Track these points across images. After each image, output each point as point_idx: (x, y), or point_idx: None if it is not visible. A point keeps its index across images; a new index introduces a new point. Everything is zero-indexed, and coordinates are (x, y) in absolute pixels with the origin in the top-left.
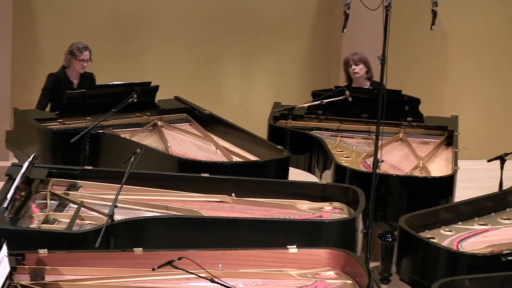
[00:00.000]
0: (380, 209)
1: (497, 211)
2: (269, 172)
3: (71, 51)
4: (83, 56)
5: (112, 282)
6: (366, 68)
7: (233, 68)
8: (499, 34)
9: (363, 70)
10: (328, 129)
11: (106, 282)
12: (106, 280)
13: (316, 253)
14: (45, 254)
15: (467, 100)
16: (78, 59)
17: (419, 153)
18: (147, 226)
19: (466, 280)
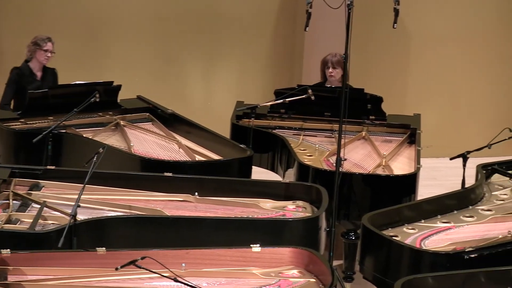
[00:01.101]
0: (343, 208)
1: (460, 209)
2: (232, 171)
3: (35, 42)
4: (47, 47)
5: (75, 282)
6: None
7: (196, 67)
8: (461, 32)
9: (339, 74)
10: (291, 128)
11: (69, 282)
12: (69, 280)
13: (280, 252)
14: (8, 254)
15: (429, 98)
16: (43, 49)
17: (381, 152)
18: (110, 226)
19: (429, 278)
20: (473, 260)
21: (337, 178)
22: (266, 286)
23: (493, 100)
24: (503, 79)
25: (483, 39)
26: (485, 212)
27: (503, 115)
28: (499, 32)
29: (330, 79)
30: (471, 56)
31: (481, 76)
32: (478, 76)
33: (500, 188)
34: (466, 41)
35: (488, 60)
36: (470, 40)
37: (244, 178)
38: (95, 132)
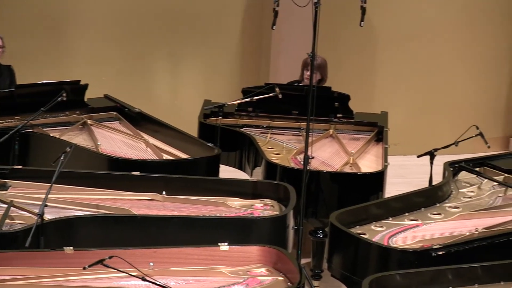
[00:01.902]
0: (311, 206)
1: (427, 206)
2: (199, 170)
3: None
4: None
5: (43, 281)
6: (320, 76)
7: (163, 66)
8: (428, 30)
9: (316, 77)
10: (259, 126)
11: (36, 282)
12: (36, 280)
13: (248, 250)
14: None
15: (396, 96)
16: None
17: (349, 149)
18: (77, 225)
19: (397, 276)
20: (441, 257)
21: (305, 176)
22: (234, 284)
23: (460, 97)
24: (470, 77)
25: (450, 37)
26: (453, 210)
27: (470, 112)
28: (465, 30)
29: (306, 81)
30: (438, 54)
31: (448, 74)
32: (445, 74)
33: (467, 185)
34: (433, 39)
35: (455, 58)
36: (437, 38)
37: (212, 176)
38: (62, 131)
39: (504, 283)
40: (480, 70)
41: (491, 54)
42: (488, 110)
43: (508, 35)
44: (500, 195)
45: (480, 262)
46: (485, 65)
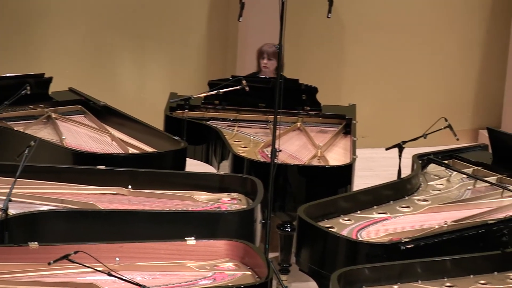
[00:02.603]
0: (279, 199)
1: (396, 199)
2: (166, 164)
3: None
4: None
5: (7, 277)
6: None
7: (129, 59)
8: (396, 22)
9: (274, 65)
10: (225, 119)
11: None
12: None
13: (215, 245)
14: None
15: (364, 88)
16: None
17: (317, 142)
18: (42, 220)
19: (366, 269)
20: (410, 250)
21: (272, 169)
22: (201, 279)
23: (429, 90)
24: (438, 69)
25: (418, 29)
26: (421, 203)
27: (439, 105)
28: (434, 22)
29: (264, 70)
30: (406, 46)
31: (417, 66)
32: (413, 66)
33: (436, 178)
34: (402, 31)
35: (423, 50)
36: (405, 30)
37: (178, 170)
38: (27, 125)
39: (473, 276)
40: (449, 62)
41: (459, 46)
42: (456, 103)
43: (476, 27)
44: (469, 187)
45: (450, 255)
46: (453, 56)
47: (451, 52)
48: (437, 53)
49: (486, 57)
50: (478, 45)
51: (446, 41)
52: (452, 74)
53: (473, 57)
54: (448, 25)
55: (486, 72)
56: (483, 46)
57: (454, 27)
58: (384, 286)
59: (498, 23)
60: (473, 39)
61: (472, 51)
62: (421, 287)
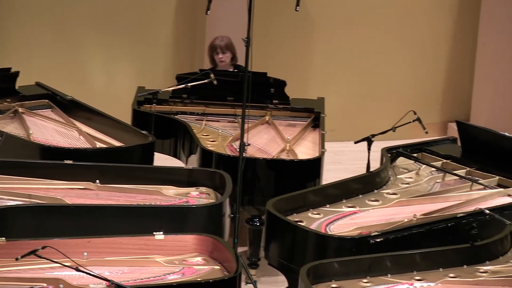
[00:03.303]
0: (247, 193)
1: (365, 193)
2: (134, 158)
3: None
4: None
5: None
6: (232, 54)
7: (96, 53)
8: (365, 15)
9: (229, 57)
10: (194, 113)
11: None
12: None
13: (183, 239)
14: None
15: (333, 82)
16: None
17: (285, 136)
18: (9, 215)
19: (335, 263)
20: (379, 244)
21: (241, 163)
22: (170, 274)
23: (397, 83)
24: (407, 62)
25: (386, 22)
26: (390, 196)
27: (408, 98)
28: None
29: (220, 64)
30: (375, 39)
31: (385, 59)
32: (382, 59)
33: (405, 171)
34: (369, 24)
35: (392, 43)
36: (373, 23)
37: (146, 164)
38: None
39: (443, 269)
40: (417, 55)
41: (428, 39)
42: (425, 96)
43: (445, 20)
44: (438, 181)
45: (419, 248)
46: (422, 50)
47: (420, 45)
48: (406, 46)
49: (454, 50)
50: (446, 38)
51: (414, 34)
52: (420, 67)
53: (441, 50)
54: (416, 18)
55: (455, 65)
56: (451, 39)
57: (422, 20)
58: (353, 280)
59: (467, 16)
60: (442, 32)
61: (440, 44)
62: (391, 280)
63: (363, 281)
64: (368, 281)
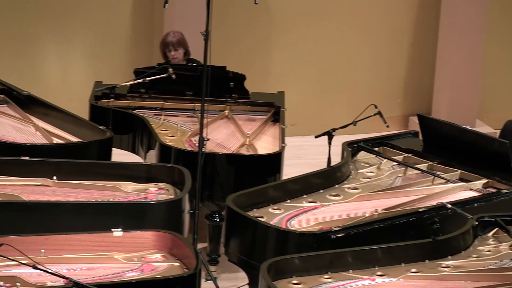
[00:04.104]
0: (207, 189)
1: (326, 187)
2: (91, 154)
3: None
4: None
5: None
6: (184, 50)
7: (52, 47)
8: (325, 9)
9: (181, 53)
10: (152, 108)
11: None
12: None
13: (142, 236)
14: None
15: (293, 75)
16: None
17: (245, 131)
18: None
19: (296, 259)
20: (340, 239)
21: (200, 158)
22: (129, 271)
23: (358, 76)
24: (368, 55)
25: (347, 16)
26: (352, 191)
27: (369, 91)
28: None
29: (173, 61)
30: (335, 33)
31: (346, 52)
32: (343, 53)
33: (366, 165)
34: (330, 17)
35: (352, 36)
36: (334, 17)
37: (104, 160)
38: None
39: (404, 264)
40: (378, 49)
41: (388, 32)
42: (386, 89)
43: (406, 13)
44: (399, 175)
45: (381, 244)
46: (382, 43)
47: (380, 38)
48: (367, 40)
49: (415, 43)
50: (407, 31)
51: (375, 27)
52: (381, 60)
53: (402, 43)
54: (377, 12)
55: (416, 58)
56: (412, 32)
57: (383, 13)
58: (314, 275)
59: (428, 9)
60: (403, 25)
61: (401, 37)
62: (352, 276)
63: (325, 277)
64: (329, 277)
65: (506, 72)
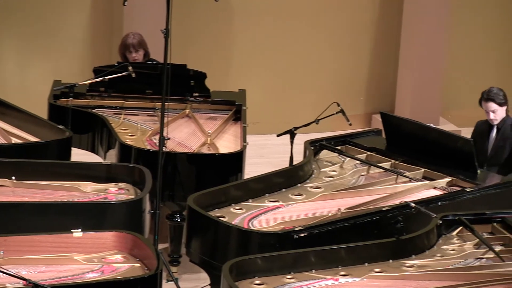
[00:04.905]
0: (168, 189)
1: (288, 187)
2: (50, 154)
3: None
4: None
5: None
6: (144, 51)
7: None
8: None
9: (142, 55)
10: (112, 107)
11: None
12: None
13: (102, 236)
14: None
15: (254, 74)
16: None
17: (206, 129)
18: None
19: (258, 259)
20: (303, 239)
21: (161, 158)
22: (89, 272)
23: (321, 74)
24: (330, 53)
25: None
26: (314, 190)
27: (331, 89)
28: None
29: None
30: (297, 30)
31: (308, 50)
32: (304, 50)
33: (329, 164)
34: (292, 15)
35: (314, 33)
36: (296, 14)
37: (64, 160)
38: None
39: (368, 264)
40: (341, 46)
41: (351, 29)
42: (349, 87)
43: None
44: (362, 173)
45: (344, 243)
46: (345, 40)
47: (343, 35)
48: (329, 37)
49: (378, 40)
50: (370, 28)
51: (337, 24)
52: (344, 58)
53: (365, 40)
54: (339, 9)
55: (379, 55)
56: (375, 29)
57: (345, 10)
58: (277, 276)
59: (390, 5)
60: (365, 22)
61: (364, 34)
62: (315, 276)
63: (287, 277)
64: (292, 277)
65: (470, 69)
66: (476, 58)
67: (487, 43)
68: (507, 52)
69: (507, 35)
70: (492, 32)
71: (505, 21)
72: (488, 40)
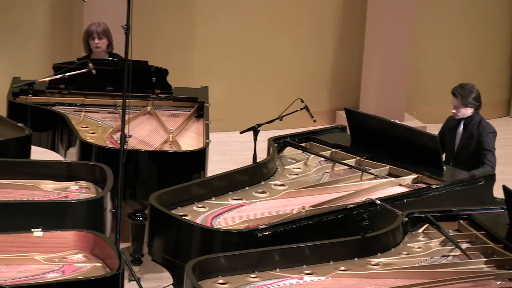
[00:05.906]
0: (130, 187)
1: (252, 184)
2: (9, 152)
3: None
4: None
5: None
6: (108, 41)
7: None
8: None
9: (105, 44)
10: (72, 104)
11: None
12: None
13: (63, 236)
14: None
15: (217, 70)
16: None
17: (168, 127)
18: None
19: (221, 258)
20: (267, 237)
21: (122, 156)
22: (49, 272)
23: (284, 70)
24: (294, 49)
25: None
26: (278, 187)
27: (295, 86)
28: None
29: (96, 50)
30: (260, 26)
31: (271, 46)
32: (267, 46)
33: (293, 161)
34: (255, 10)
35: (278, 29)
36: (259, 9)
37: (23, 158)
38: None
39: (333, 262)
40: (304, 42)
41: (314, 25)
42: (313, 83)
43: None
44: (327, 171)
45: (308, 241)
46: (308, 36)
47: (306, 31)
48: (292, 33)
49: (342, 36)
50: (334, 23)
51: (300, 20)
52: (307, 54)
53: (329, 36)
54: (303, 4)
55: (343, 51)
56: (339, 24)
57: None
58: (241, 275)
59: (354, 2)
60: (329, 18)
61: (328, 30)
62: (279, 275)
63: (251, 276)
64: (256, 276)
65: (435, 65)
66: (441, 54)
67: (452, 39)
68: (471, 48)
69: (472, 32)
70: (457, 28)
71: (470, 17)
72: (453, 36)
